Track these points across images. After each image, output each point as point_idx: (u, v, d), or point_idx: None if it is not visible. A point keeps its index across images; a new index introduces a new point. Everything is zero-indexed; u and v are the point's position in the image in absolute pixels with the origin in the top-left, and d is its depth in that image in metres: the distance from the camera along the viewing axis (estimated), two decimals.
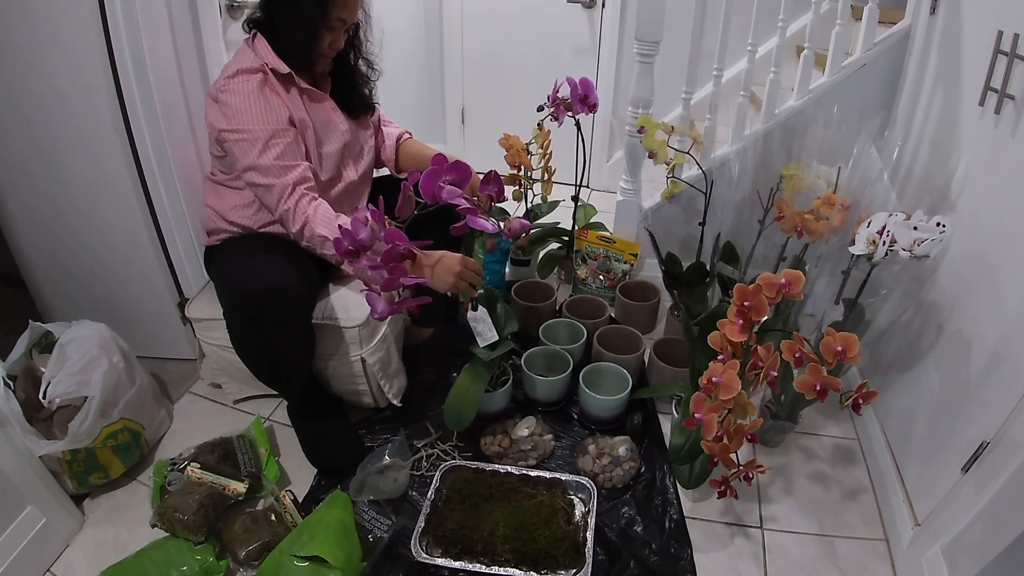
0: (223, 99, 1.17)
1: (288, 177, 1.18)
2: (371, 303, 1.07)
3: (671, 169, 1.61)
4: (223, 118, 1.18)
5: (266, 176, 1.17)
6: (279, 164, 1.17)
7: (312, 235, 1.18)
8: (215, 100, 1.20)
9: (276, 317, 1.15)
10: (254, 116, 1.17)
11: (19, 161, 1.38)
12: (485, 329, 1.30)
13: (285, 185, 1.17)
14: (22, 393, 1.18)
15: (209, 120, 1.22)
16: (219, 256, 1.31)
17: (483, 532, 1.13)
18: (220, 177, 1.32)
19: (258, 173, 1.17)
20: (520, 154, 1.78)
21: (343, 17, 1.21)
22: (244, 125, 1.16)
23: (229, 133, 1.17)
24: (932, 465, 1.12)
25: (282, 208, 1.18)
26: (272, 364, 1.25)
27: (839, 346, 1.00)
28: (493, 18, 2.68)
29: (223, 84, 1.18)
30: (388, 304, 1.07)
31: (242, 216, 1.30)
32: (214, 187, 1.33)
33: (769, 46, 2.08)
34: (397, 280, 1.04)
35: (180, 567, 1.06)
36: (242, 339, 1.21)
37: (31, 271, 1.56)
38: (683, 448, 1.23)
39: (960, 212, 1.19)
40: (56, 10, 1.21)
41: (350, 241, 1.05)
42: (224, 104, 1.17)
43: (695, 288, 1.64)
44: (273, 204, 1.19)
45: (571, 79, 1.62)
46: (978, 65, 1.16)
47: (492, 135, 1.87)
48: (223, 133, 1.18)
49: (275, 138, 1.17)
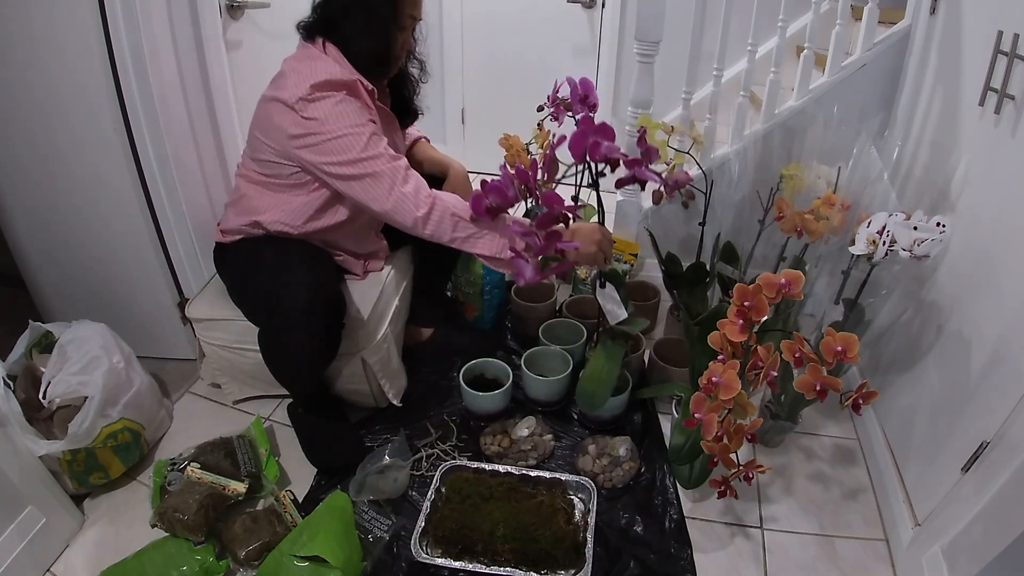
0: (312, 110, 1.11)
1: (399, 163, 1.15)
2: (519, 269, 1.06)
3: (671, 169, 1.61)
4: (311, 123, 1.11)
5: (373, 164, 1.12)
6: (388, 153, 1.14)
7: (444, 214, 1.14)
8: (290, 106, 1.11)
9: (321, 321, 1.16)
10: (350, 119, 1.12)
11: (19, 161, 1.38)
12: (615, 306, 1.26)
13: (396, 170, 1.13)
14: (22, 393, 1.18)
15: (276, 123, 1.15)
16: (242, 257, 1.28)
17: (483, 532, 1.13)
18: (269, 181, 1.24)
19: (364, 164, 1.12)
20: (520, 154, 1.78)
21: (414, 14, 1.19)
22: (342, 127, 1.11)
23: (314, 137, 1.11)
24: (932, 465, 1.12)
25: (396, 195, 1.13)
26: (298, 365, 1.25)
27: (839, 346, 1.00)
28: (493, 18, 2.68)
29: (309, 93, 1.10)
30: (535, 271, 1.06)
31: (292, 216, 1.24)
32: (255, 187, 1.26)
33: (769, 46, 2.08)
34: (552, 244, 1.03)
35: (180, 567, 1.06)
36: (279, 343, 1.21)
37: (31, 271, 1.56)
38: (683, 448, 1.23)
39: (960, 212, 1.19)
40: (56, 10, 1.21)
41: (495, 198, 1.04)
42: (312, 113, 1.11)
43: (695, 288, 1.64)
44: (383, 193, 1.13)
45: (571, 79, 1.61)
46: (978, 65, 1.16)
47: (492, 135, 1.87)
48: (310, 137, 1.12)
49: (377, 134, 1.15)
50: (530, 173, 1.06)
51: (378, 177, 1.13)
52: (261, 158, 1.22)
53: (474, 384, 1.44)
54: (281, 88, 1.14)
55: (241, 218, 1.28)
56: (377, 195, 1.14)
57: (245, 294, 1.30)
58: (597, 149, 1.05)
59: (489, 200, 1.05)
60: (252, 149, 1.25)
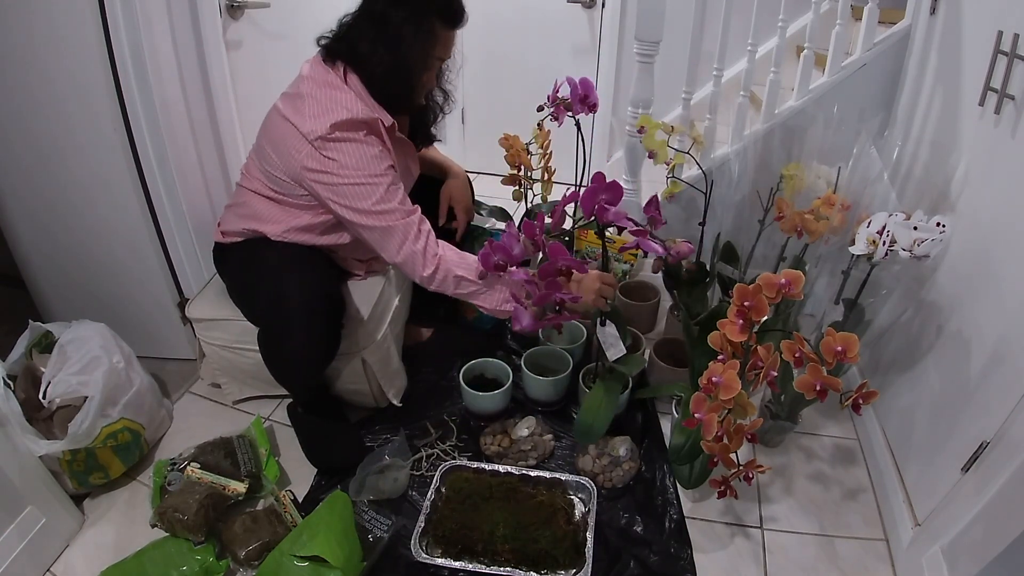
0: (332, 151, 1.10)
1: (412, 219, 1.16)
2: (517, 316, 1.10)
3: (671, 169, 1.61)
4: (330, 163, 1.10)
5: (387, 219, 1.14)
6: (403, 208, 1.15)
7: (447, 275, 1.18)
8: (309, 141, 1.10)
9: (321, 321, 1.17)
10: (369, 167, 1.12)
11: (19, 161, 1.38)
12: (614, 344, 1.29)
13: (409, 226, 1.15)
14: (22, 393, 1.18)
15: (290, 149, 1.12)
16: (242, 258, 1.28)
17: (483, 532, 1.13)
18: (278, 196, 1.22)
19: (378, 216, 1.13)
20: (520, 154, 1.78)
21: (442, 56, 1.19)
22: (361, 176, 1.11)
23: (331, 176, 1.11)
24: (932, 465, 1.12)
25: (407, 251, 1.16)
26: (298, 365, 1.25)
27: (839, 346, 1.00)
28: (493, 18, 2.67)
29: (329, 132, 1.09)
30: (533, 319, 1.10)
31: (298, 234, 1.24)
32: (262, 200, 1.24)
33: (769, 46, 2.08)
34: (552, 295, 1.06)
35: (180, 567, 1.06)
36: (278, 343, 1.21)
37: (31, 271, 1.56)
38: (683, 448, 1.23)
39: (960, 212, 1.19)
40: (56, 10, 1.21)
41: (501, 256, 1.09)
42: (332, 154, 1.10)
43: (695, 288, 1.64)
44: (394, 247, 1.16)
45: (571, 79, 1.62)
46: (978, 65, 1.16)
47: (492, 135, 1.87)
48: (327, 175, 1.11)
49: (395, 184, 1.15)
50: (537, 227, 1.09)
51: (390, 232, 1.15)
52: (271, 172, 1.20)
53: (474, 384, 1.44)
54: (298, 113, 1.12)
55: (244, 223, 1.27)
56: (387, 247, 1.18)
57: (245, 294, 1.30)
58: (604, 214, 1.08)
59: (496, 258, 1.09)
60: (261, 159, 1.22)
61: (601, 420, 1.29)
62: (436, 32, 1.15)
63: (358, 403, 1.47)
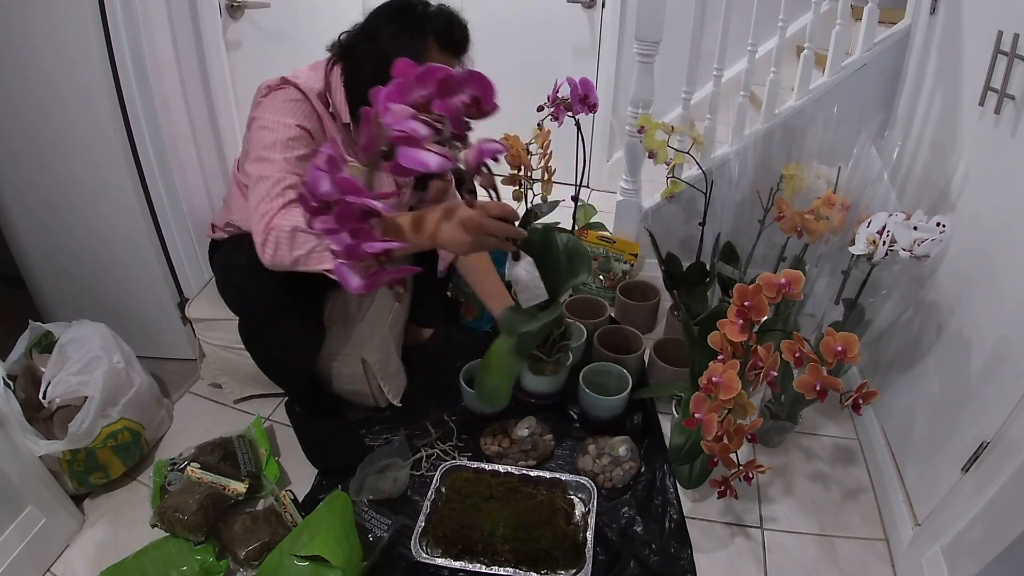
0: (267, 98, 1.11)
1: (293, 179, 1.06)
2: (341, 276, 0.78)
3: (671, 169, 1.61)
4: (258, 107, 1.12)
5: (265, 168, 1.06)
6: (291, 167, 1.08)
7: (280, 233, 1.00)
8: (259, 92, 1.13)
9: (294, 317, 1.16)
10: (280, 107, 1.10)
11: (19, 161, 1.38)
12: (529, 284, 0.98)
13: (282, 180, 1.04)
14: (22, 393, 1.18)
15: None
16: (226, 251, 1.29)
17: (483, 532, 1.13)
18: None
19: (260, 164, 1.07)
20: (520, 154, 1.78)
21: None
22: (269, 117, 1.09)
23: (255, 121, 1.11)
24: (932, 465, 1.12)
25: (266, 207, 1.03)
26: (280, 362, 1.25)
27: (839, 346, 1.00)
28: (492, 18, 2.67)
29: (278, 84, 1.12)
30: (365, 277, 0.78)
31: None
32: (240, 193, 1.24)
33: (769, 46, 2.07)
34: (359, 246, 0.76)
35: (180, 567, 1.06)
36: (252, 334, 1.21)
37: (31, 271, 1.56)
38: (683, 448, 1.23)
39: (960, 212, 1.19)
40: (56, 10, 1.21)
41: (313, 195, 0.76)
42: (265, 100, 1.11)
43: (695, 288, 1.64)
44: (254, 199, 1.05)
45: (571, 79, 1.62)
46: (978, 65, 1.16)
47: (492, 135, 1.86)
48: (253, 122, 1.11)
49: (298, 146, 1.10)
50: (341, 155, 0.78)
51: (260, 182, 1.04)
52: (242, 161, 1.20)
53: (474, 384, 1.44)
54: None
55: (226, 216, 1.29)
56: (254, 195, 1.04)
57: (226, 292, 1.30)
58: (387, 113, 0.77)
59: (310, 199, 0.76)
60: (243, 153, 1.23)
61: (503, 381, 1.09)
62: (429, 53, 1.10)
63: (358, 403, 1.47)
